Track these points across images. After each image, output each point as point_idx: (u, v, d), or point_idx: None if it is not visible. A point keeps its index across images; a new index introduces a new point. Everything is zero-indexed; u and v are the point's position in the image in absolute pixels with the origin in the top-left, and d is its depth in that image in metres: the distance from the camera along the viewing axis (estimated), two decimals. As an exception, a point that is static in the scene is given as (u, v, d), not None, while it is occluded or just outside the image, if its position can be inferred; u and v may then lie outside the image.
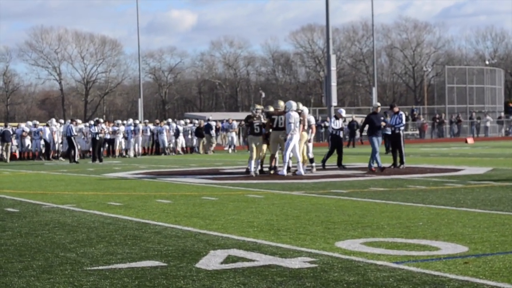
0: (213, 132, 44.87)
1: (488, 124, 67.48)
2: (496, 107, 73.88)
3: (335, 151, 24.36)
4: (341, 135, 24.73)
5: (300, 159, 21.49)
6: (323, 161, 24.21)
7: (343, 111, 25.39)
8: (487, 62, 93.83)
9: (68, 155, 35.91)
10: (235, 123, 47.29)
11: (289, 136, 20.98)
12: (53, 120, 42.12)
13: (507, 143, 50.43)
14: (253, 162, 21.74)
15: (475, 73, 75.18)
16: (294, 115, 21.12)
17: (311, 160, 22.61)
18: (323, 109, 67.64)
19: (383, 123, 23.64)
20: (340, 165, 24.09)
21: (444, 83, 72.66)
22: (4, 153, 38.51)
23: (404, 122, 24.50)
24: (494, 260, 7.73)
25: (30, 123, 42.00)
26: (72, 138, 35.63)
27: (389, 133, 25.54)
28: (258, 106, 22.91)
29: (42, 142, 39.66)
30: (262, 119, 21.99)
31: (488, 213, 11.71)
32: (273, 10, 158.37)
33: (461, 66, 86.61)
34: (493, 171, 21.52)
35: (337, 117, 24.60)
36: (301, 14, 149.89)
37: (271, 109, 22.21)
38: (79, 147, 37.65)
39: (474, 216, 11.27)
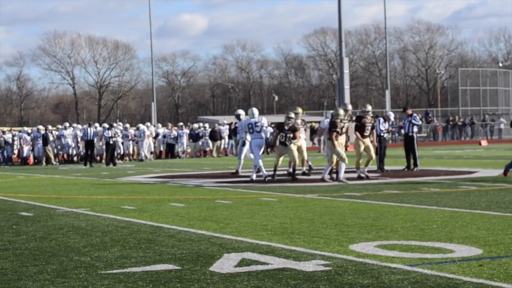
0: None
1: (502, 126, 67.27)
2: (510, 109, 73.69)
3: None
4: (386, 137, 24.58)
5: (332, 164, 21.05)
6: (380, 168, 23.67)
7: (391, 114, 25.20)
8: (500, 64, 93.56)
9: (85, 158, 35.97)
10: None
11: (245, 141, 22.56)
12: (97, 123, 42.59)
13: (521, 145, 50.24)
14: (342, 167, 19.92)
15: (489, 75, 75.03)
16: (253, 121, 22.05)
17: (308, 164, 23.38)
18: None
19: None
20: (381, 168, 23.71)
21: (458, 86, 72.59)
22: (49, 154, 38.74)
23: (419, 122, 24.52)
24: (508, 262, 7.70)
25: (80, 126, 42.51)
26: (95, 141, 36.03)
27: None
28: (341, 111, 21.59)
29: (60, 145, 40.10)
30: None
31: (503, 215, 11.67)
32: (283, 14, 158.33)
33: (474, 68, 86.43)
34: (507, 173, 21.42)
35: (385, 119, 24.42)
36: (312, 17, 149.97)
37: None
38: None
39: (489, 219, 11.23)
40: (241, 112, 25.32)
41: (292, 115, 21.09)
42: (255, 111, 22.69)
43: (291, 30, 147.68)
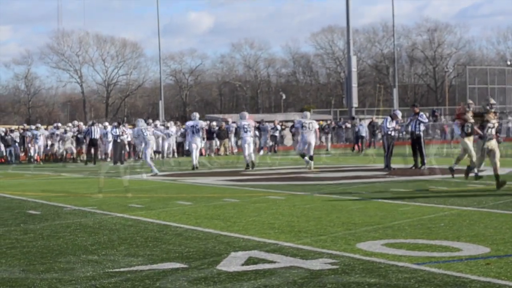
0: (256, 133, 44.97)
1: (510, 124, 67.02)
2: (518, 107, 73.55)
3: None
4: (393, 135, 24.65)
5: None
6: (387, 166, 23.89)
7: (399, 113, 25.53)
8: (508, 63, 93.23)
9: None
10: (268, 125, 47.23)
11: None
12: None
13: (529, 143, 50.08)
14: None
15: (497, 73, 74.93)
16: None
17: (311, 158, 24.74)
18: (344, 110, 67.59)
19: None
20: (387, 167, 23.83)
21: (466, 84, 72.53)
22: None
23: (426, 120, 24.58)
24: (516, 261, 7.69)
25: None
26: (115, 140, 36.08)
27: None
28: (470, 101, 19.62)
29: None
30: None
31: (510, 214, 11.65)
32: (291, 12, 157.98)
33: (482, 66, 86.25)
34: (515, 171, 21.38)
35: (392, 118, 24.48)
36: (319, 16, 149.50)
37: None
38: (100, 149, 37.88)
39: (496, 217, 11.21)
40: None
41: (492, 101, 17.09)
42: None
43: (298, 28, 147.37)
